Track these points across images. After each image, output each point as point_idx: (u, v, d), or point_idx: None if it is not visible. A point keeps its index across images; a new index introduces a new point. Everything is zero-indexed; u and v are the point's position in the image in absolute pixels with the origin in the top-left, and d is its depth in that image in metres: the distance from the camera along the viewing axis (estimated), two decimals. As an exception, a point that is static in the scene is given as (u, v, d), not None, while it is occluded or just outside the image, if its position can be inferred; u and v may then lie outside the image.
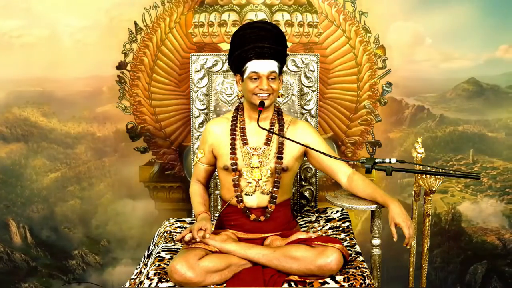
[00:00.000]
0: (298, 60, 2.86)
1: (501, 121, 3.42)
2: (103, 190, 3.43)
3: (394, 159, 2.16)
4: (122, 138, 3.38)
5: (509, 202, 3.47)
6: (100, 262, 3.47)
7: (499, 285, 3.48)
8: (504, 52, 3.35)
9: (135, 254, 3.42)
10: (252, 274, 2.19)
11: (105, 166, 3.41)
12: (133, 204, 3.41)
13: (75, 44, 3.31)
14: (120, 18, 3.27)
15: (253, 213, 2.39)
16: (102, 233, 3.46)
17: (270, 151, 2.41)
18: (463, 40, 3.32)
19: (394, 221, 2.20)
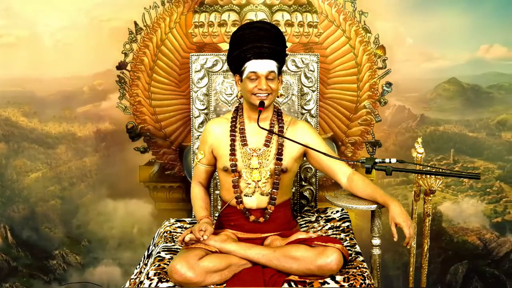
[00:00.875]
0: (298, 60, 2.86)
1: (481, 121, 3.43)
2: (84, 190, 3.43)
3: (394, 159, 2.16)
4: (103, 138, 3.39)
5: (490, 202, 3.47)
6: (81, 262, 3.48)
7: (480, 285, 3.48)
8: (485, 52, 3.35)
9: (116, 254, 3.45)
10: (252, 274, 2.19)
11: (86, 166, 3.42)
12: (114, 204, 3.42)
13: (55, 44, 3.32)
14: (100, 18, 3.29)
15: (253, 214, 2.39)
16: (83, 233, 3.46)
17: (270, 152, 2.41)
18: (444, 40, 3.32)
19: (394, 221, 2.20)
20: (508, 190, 3.45)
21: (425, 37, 3.31)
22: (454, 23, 3.29)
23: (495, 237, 3.40)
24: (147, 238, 3.41)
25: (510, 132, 3.42)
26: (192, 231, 2.24)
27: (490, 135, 3.42)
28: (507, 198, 3.45)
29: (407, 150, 3.28)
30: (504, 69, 3.37)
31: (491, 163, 3.42)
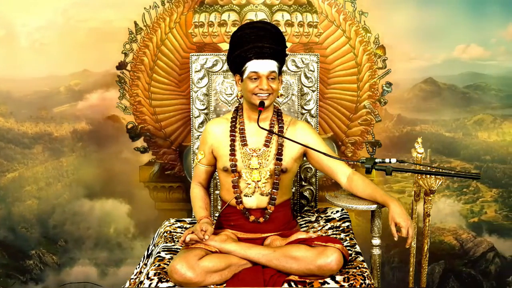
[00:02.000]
0: (298, 60, 2.86)
1: (458, 121, 3.43)
2: (60, 190, 3.44)
3: (394, 159, 2.16)
4: (79, 138, 3.40)
5: (467, 202, 3.47)
6: (58, 262, 3.48)
7: (456, 285, 3.49)
8: (461, 52, 3.36)
9: (92, 254, 3.46)
10: (252, 274, 2.19)
11: (63, 166, 3.42)
12: (91, 204, 3.43)
13: (32, 44, 3.32)
14: (77, 18, 3.29)
15: (253, 214, 2.39)
16: (59, 233, 3.46)
17: (270, 153, 2.41)
18: (420, 40, 3.32)
19: (394, 220, 2.20)
20: (484, 190, 3.45)
21: (402, 37, 3.31)
22: (430, 23, 3.30)
23: (471, 237, 3.41)
24: (124, 238, 3.45)
25: (486, 132, 3.43)
26: (193, 231, 2.24)
27: (466, 135, 3.42)
28: (484, 198, 3.46)
29: (383, 150, 3.37)
30: (480, 69, 3.38)
31: (468, 163, 3.43)
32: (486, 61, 3.36)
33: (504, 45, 3.36)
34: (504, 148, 3.41)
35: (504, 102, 3.41)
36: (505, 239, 3.49)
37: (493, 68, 3.36)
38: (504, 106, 3.41)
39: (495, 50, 3.35)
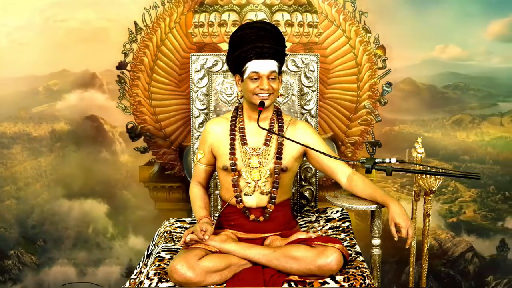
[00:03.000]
0: (298, 60, 2.86)
1: (437, 121, 3.42)
2: (39, 190, 3.43)
3: (394, 159, 2.16)
4: (58, 138, 3.39)
5: (445, 202, 3.47)
6: (36, 262, 3.48)
7: (435, 284, 3.48)
8: (440, 52, 3.35)
9: (71, 254, 3.46)
10: (252, 274, 2.19)
11: (41, 166, 3.42)
12: (69, 204, 3.42)
13: (11, 44, 3.32)
14: (55, 18, 3.29)
15: (253, 213, 2.39)
16: (38, 233, 3.46)
17: (270, 152, 2.41)
18: (399, 40, 3.31)
19: (394, 220, 2.20)
20: (463, 190, 3.45)
21: (381, 37, 3.31)
22: (410, 23, 3.30)
23: (450, 237, 3.41)
24: (102, 238, 3.45)
25: (465, 132, 3.42)
26: (193, 231, 2.24)
27: (445, 135, 3.42)
28: (462, 198, 3.46)
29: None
30: (459, 69, 3.37)
31: (447, 163, 3.42)
32: (465, 61, 3.36)
33: (483, 45, 3.36)
34: (483, 148, 3.41)
35: (483, 102, 3.41)
36: (484, 239, 3.49)
37: (472, 68, 3.36)
38: (482, 106, 3.41)
39: (474, 50, 3.35)
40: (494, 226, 3.48)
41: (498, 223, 3.48)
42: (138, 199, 3.43)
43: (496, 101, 3.42)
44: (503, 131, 3.44)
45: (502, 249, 3.48)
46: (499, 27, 3.35)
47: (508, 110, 3.42)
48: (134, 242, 3.45)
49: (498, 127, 3.43)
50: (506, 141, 3.43)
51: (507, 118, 3.43)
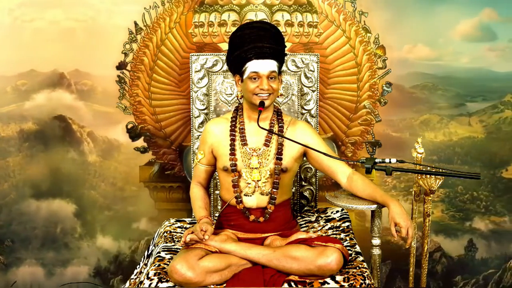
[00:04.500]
0: (298, 60, 2.86)
1: (405, 121, 3.42)
2: (6, 190, 3.43)
3: (394, 159, 2.16)
4: (26, 138, 3.39)
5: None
6: (4, 262, 3.47)
7: (403, 284, 3.47)
8: (407, 52, 3.35)
9: (39, 254, 3.45)
10: (252, 274, 2.19)
11: (9, 166, 3.41)
12: (37, 204, 3.42)
13: None
14: (23, 18, 3.29)
15: (253, 214, 2.39)
16: (5, 233, 3.45)
17: (270, 152, 2.41)
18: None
19: (394, 220, 2.20)
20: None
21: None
22: (378, 23, 3.29)
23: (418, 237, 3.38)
24: (70, 238, 3.45)
25: (433, 132, 3.43)
26: (193, 231, 2.24)
27: (413, 135, 3.40)
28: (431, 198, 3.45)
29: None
30: (427, 69, 3.37)
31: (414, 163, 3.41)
32: (433, 61, 3.36)
33: (451, 45, 3.36)
34: (451, 148, 3.41)
35: (451, 102, 3.41)
36: (452, 239, 3.49)
37: (440, 68, 3.36)
38: (450, 106, 3.41)
39: (442, 50, 3.36)
40: (462, 226, 3.49)
41: (466, 223, 3.49)
42: (137, 199, 3.43)
43: (464, 101, 3.43)
44: (471, 131, 3.44)
45: (470, 249, 3.48)
46: (468, 28, 3.36)
47: (476, 110, 3.43)
48: (102, 242, 3.45)
49: (466, 127, 3.44)
50: (474, 141, 3.44)
51: (475, 118, 3.44)
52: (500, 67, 3.39)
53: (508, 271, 3.51)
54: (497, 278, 3.51)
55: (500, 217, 3.49)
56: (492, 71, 3.39)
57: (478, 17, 3.34)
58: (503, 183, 3.46)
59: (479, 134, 3.44)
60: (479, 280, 3.50)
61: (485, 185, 3.46)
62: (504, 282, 3.51)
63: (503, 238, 3.50)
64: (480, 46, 3.39)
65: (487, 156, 3.45)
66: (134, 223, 3.44)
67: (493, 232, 3.49)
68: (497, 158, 3.44)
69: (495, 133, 3.45)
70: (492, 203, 3.47)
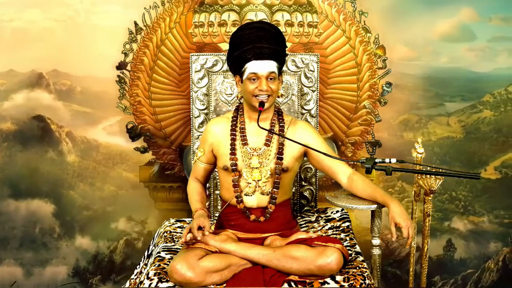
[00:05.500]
0: (298, 60, 2.86)
1: (384, 121, 3.40)
2: None
3: (394, 159, 2.16)
4: (5, 138, 3.38)
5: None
6: None
7: (382, 285, 3.45)
8: (388, 52, 3.33)
9: (18, 254, 3.45)
10: (252, 274, 2.19)
11: None
12: (16, 204, 3.41)
13: None
14: (2, 18, 3.28)
15: (253, 214, 2.39)
16: None
17: (270, 152, 2.41)
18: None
19: (394, 220, 2.21)
20: (409, 190, 3.42)
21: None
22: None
23: (397, 237, 3.40)
24: (49, 238, 3.44)
25: (412, 132, 3.42)
26: (191, 229, 2.23)
27: (392, 135, 3.41)
28: (409, 198, 3.44)
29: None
30: (406, 69, 3.37)
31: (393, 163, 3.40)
32: (413, 61, 3.36)
33: (431, 45, 3.36)
34: (430, 148, 3.40)
35: (430, 102, 3.40)
36: (431, 239, 3.44)
37: (419, 68, 3.36)
38: (429, 106, 3.40)
39: (421, 50, 3.35)
40: (441, 226, 3.49)
41: (445, 223, 3.49)
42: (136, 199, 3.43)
43: (443, 101, 3.43)
44: (450, 131, 3.44)
45: (448, 249, 3.48)
46: (447, 27, 3.35)
47: (455, 110, 3.43)
48: (80, 242, 3.45)
49: (445, 127, 3.44)
50: (453, 141, 3.44)
51: (453, 118, 3.44)
52: (479, 67, 3.39)
53: (486, 271, 3.51)
54: (476, 278, 3.51)
55: (478, 217, 3.49)
56: (471, 71, 3.39)
57: (457, 17, 3.33)
58: (482, 183, 3.45)
59: (458, 134, 3.43)
60: (458, 280, 3.50)
61: (463, 185, 3.46)
62: (482, 282, 3.51)
63: (481, 238, 3.50)
64: (459, 46, 3.39)
65: (465, 156, 3.45)
66: (112, 223, 3.44)
67: (471, 232, 3.49)
68: (475, 158, 3.44)
69: (473, 133, 3.45)
70: (471, 203, 3.47)
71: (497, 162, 3.46)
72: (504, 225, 3.50)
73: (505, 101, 3.42)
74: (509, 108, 3.43)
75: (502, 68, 3.40)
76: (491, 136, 3.45)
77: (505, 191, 3.47)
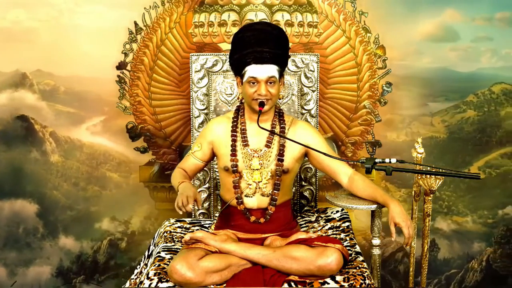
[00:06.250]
0: (298, 60, 2.86)
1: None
2: None
3: (394, 159, 2.16)
4: None
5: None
6: None
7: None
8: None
9: (1, 254, 3.45)
10: (252, 274, 2.19)
11: None
12: (0, 204, 3.41)
13: None
14: None
15: (253, 215, 2.39)
16: None
17: (271, 153, 2.40)
18: None
19: (393, 220, 2.21)
20: (393, 190, 3.43)
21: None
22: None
23: (380, 237, 3.40)
24: (33, 238, 3.44)
25: (395, 132, 3.42)
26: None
27: (375, 135, 3.40)
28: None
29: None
30: (390, 69, 3.36)
31: None
32: (396, 61, 3.34)
33: (413, 46, 3.35)
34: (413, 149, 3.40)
35: (413, 102, 3.39)
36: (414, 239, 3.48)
37: (402, 68, 3.35)
38: (413, 106, 3.39)
39: (405, 50, 3.35)
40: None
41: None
42: (137, 199, 3.43)
43: (426, 101, 3.43)
44: (433, 131, 3.44)
45: (432, 249, 3.47)
46: (430, 27, 3.35)
47: (438, 110, 3.43)
48: (64, 242, 3.45)
49: (429, 127, 3.44)
50: (436, 141, 3.44)
51: (437, 118, 3.44)
52: (463, 67, 3.39)
53: (470, 271, 3.51)
54: (460, 278, 3.51)
55: (462, 217, 3.49)
56: (455, 71, 3.39)
57: (440, 17, 3.33)
58: (465, 183, 3.44)
59: (441, 134, 3.43)
60: (442, 280, 3.50)
61: (447, 185, 3.45)
62: (466, 282, 3.51)
63: (465, 238, 3.50)
64: (443, 46, 3.38)
65: (449, 156, 3.45)
66: (96, 223, 3.44)
67: (455, 232, 3.49)
68: (459, 158, 3.43)
69: (457, 133, 3.44)
70: (455, 203, 3.47)
71: (481, 162, 3.46)
72: (488, 225, 3.49)
73: (489, 101, 3.42)
74: (492, 108, 3.43)
75: (485, 68, 3.40)
76: (474, 136, 3.44)
77: (489, 191, 3.47)
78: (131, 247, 3.45)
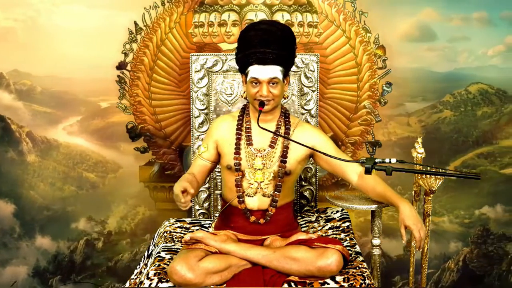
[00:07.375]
0: (298, 60, 2.86)
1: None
2: None
3: (394, 159, 2.15)
4: None
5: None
6: None
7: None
8: None
9: None
10: (252, 274, 2.19)
11: None
12: None
13: None
14: None
15: (253, 215, 2.38)
16: None
17: (274, 154, 2.39)
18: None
19: (404, 223, 2.18)
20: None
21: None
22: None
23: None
24: (9, 238, 3.44)
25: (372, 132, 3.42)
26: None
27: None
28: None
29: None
30: None
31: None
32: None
33: (391, 45, 3.33)
34: (390, 148, 3.40)
35: (390, 102, 3.37)
36: (390, 239, 3.47)
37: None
38: (390, 106, 3.38)
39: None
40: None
41: None
42: (136, 199, 3.43)
43: (403, 101, 3.42)
44: (410, 131, 3.43)
45: (409, 249, 3.45)
46: (407, 27, 3.34)
47: (415, 110, 3.43)
48: (41, 242, 3.45)
49: (405, 127, 3.43)
50: (413, 141, 3.36)
51: (413, 118, 3.44)
52: (440, 67, 3.39)
53: (447, 271, 3.51)
54: (436, 278, 3.51)
55: (439, 217, 3.48)
56: (432, 71, 3.39)
57: (417, 17, 3.33)
58: (442, 183, 3.43)
59: (418, 134, 3.41)
60: (418, 280, 3.49)
61: None
62: (443, 282, 3.51)
63: (442, 238, 3.49)
64: (420, 46, 3.38)
65: (426, 156, 3.43)
66: (73, 223, 3.44)
67: (432, 232, 3.43)
68: (436, 158, 3.42)
69: (434, 133, 3.44)
70: (431, 203, 3.45)
71: (458, 162, 3.45)
72: (464, 225, 3.49)
73: (465, 101, 3.42)
74: (469, 108, 3.43)
75: (462, 68, 3.39)
76: (451, 136, 3.44)
77: (466, 191, 3.46)
78: (108, 247, 3.46)
